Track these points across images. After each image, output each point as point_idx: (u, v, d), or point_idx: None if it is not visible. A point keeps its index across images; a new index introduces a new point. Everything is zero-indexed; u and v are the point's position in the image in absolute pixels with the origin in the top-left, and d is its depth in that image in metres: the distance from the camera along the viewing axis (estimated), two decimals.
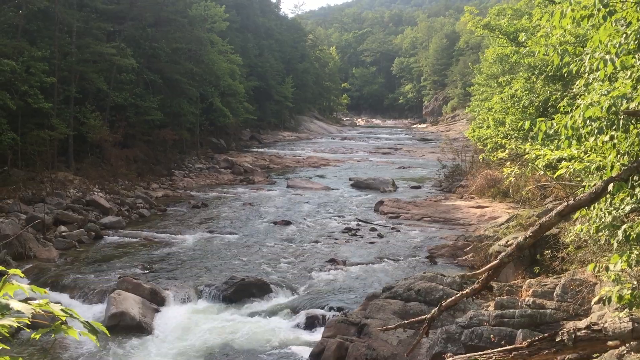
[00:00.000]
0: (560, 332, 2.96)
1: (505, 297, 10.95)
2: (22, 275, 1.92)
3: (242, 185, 33.14)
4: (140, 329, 12.70)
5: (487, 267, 3.93)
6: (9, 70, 22.63)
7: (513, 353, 2.88)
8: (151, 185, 29.50)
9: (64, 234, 19.39)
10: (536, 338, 2.88)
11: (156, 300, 14.11)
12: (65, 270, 16.34)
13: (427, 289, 12.15)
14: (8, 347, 1.71)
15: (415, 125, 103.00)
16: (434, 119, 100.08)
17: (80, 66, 28.13)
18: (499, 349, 2.95)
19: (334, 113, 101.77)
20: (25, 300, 1.77)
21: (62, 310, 1.82)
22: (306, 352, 11.81)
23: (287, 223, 22.72)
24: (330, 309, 13.63)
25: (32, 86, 24.18)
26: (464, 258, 17.29)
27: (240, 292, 14.66)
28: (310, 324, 13.13)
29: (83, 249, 18.72)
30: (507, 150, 7.85)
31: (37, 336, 1.89)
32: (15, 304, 1.68)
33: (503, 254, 3.87)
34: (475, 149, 31.56)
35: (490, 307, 10.77)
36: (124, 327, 12.62)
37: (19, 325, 1.86)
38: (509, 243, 13.11)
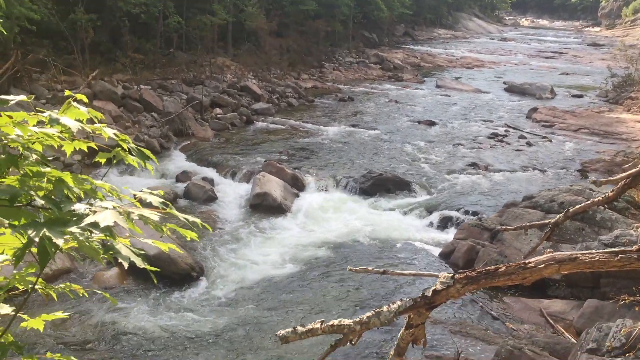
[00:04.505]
0: None
1: None
2: (86, 100, 2.01)
3: (390, 81, 32.71)
4: (281, 210, 13.52)
5: (624, 174, 3.57)
6: None
7: (620, 256, 2.64)
8: (301, 75, 30.12)
9: (218, 116, 20.71)
10: None
11: (297, 185, 14.85)
12: (218, 149, 17.62)
13: (571, 202, 11.45)
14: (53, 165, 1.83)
15: (587, 28, 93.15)
16: (611, 22, 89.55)
17: None
18: (606, 250, 2.72)
19: (495, 11, 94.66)
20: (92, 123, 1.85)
21: (115, 134, 1.87)
22: (436, 251, 11.91)
23: (432, 123, 22.27)
24: (465, 212, 13.45)
25: None
26: (620, 175, 15.95)
27: (377, 187, 14.90)
28: (443, 224, 13.12)
29: (235, 131, 19.93)
30: None
31: (103, 160, 2.02)
32: (64, 120, 1.73)
33: None
34: None
35: None
36: (266, 206, 13.53)
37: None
38: None
